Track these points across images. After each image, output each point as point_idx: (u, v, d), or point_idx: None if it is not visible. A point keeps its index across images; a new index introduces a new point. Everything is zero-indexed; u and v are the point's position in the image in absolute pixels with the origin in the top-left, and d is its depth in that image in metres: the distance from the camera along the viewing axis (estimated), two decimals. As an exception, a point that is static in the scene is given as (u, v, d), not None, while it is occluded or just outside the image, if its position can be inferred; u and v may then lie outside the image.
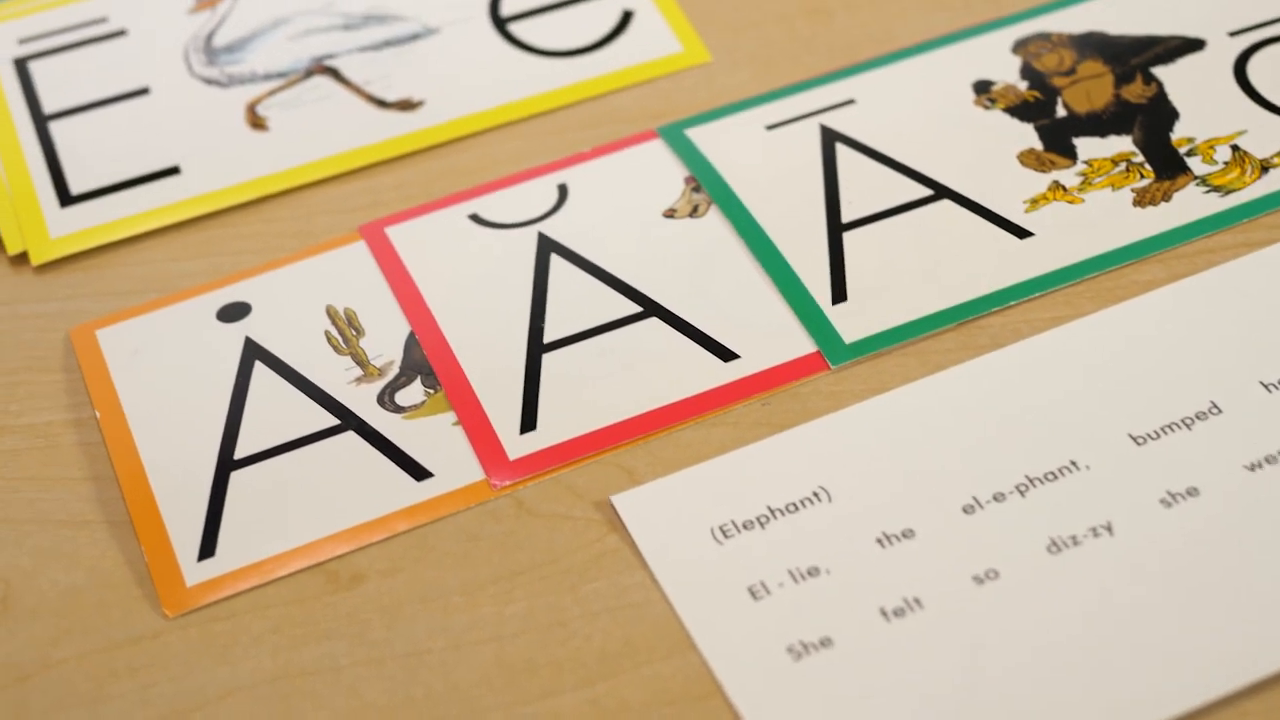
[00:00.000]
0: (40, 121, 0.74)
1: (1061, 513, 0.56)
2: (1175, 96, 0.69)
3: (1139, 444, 0.58)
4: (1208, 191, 0.66)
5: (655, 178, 0.69)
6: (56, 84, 0.75)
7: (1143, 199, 0.66)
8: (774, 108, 0.71)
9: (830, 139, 0.69)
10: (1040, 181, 0.67)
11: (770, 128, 0.70)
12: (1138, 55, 0.71)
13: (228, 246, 0.69)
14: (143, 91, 0.75)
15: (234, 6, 0.78)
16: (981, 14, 0.75)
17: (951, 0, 0.76)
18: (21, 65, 0.76)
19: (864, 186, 0.67)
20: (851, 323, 0.63)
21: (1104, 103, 0.69)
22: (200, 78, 0.75)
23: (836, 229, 0.66)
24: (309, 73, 0.75)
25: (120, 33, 0.77)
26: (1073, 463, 0.57)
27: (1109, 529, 0.55)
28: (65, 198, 0.71)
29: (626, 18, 0.76)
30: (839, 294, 0.64)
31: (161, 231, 0.70)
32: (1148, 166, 0.67)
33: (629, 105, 0.73)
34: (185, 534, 0.59)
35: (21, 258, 0.69)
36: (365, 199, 0.71)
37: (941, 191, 0.67)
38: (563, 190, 0.69)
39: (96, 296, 0.68)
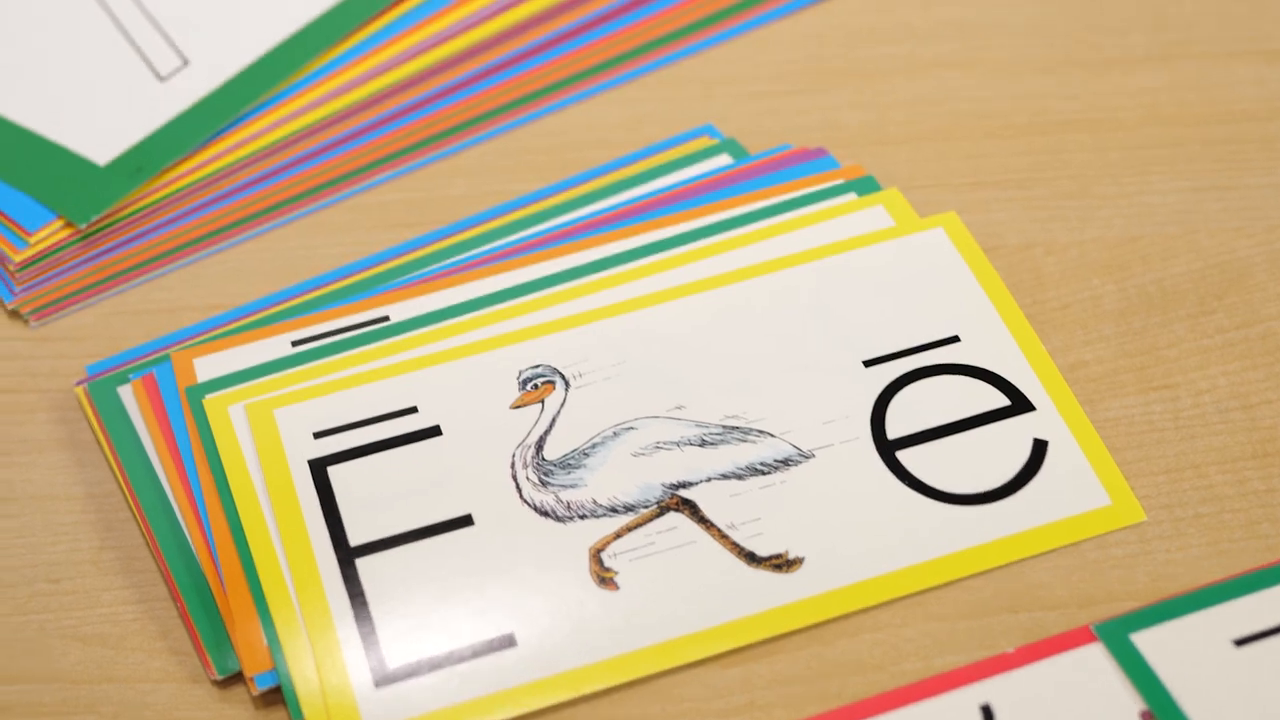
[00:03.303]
0: (345, 556, 0.62)
1: None
2: None
3: None
4: None
5: (1101, 707, 0.57)
6: (362, 501, 0.63)
7: None
8: (1239, 608, 0.59)
9: (1321, 670, 0.57)
10: None
11: (1239, 643, 0.58)
12: None
13: (576, 754, 0.58)
14: (464, 521, 0.63)
15: (564, 402, 0.66)
16: None
17: None
18: (320, 471, 0.64)
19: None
20: None
21: None
22: (532, 505, 0.63)
23: (1348, 820, 0.53)
24: (662, 508, 0.63)
25: (433, 430, 0.66)
26: None
27: None
28: (380, 674, 0.59)
29: (1040, 451, 0.64)
30: None
31: (496, 726, 0.59)
32: None
33: (1052, 581, 0.61)
34: None
35: (330, 751, 0.58)
36: (739, 696, 0.59)
37: None
38: (987, 715, 0.57)
39: (423, 820, 0.57)
